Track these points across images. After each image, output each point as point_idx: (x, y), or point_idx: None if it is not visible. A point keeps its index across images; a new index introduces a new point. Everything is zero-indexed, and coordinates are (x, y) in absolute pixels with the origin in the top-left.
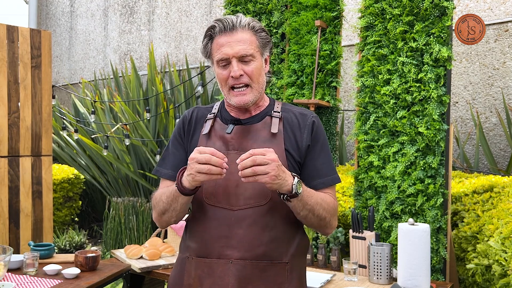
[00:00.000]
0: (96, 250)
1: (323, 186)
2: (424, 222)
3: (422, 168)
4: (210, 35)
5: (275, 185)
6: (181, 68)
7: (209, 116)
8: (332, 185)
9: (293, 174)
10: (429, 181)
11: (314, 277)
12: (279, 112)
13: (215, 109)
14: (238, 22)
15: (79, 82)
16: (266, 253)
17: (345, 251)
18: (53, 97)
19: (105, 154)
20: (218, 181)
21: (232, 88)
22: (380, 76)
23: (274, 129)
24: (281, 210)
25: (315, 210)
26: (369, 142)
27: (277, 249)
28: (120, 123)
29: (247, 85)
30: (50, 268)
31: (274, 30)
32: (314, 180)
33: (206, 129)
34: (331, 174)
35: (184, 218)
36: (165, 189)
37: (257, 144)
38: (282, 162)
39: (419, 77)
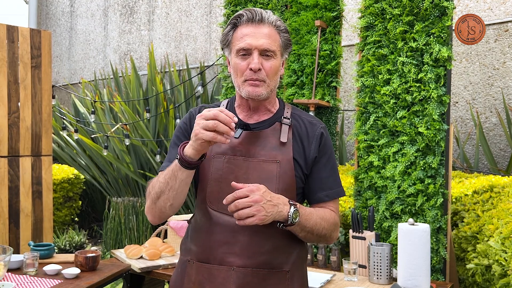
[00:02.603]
0: (96, 250)
1: (328, 199)
2: (424, 222)
3: (422, 168)
4: (235, 23)
5: (267, 221)
6: (181, 68)
7: None
8: (336, 198)
9: (291, 202)
10: (429, 181)
11: (314, 277)
12: (288, 119)
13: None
14: (267, 17)
15: (79, 82)
16: (267, 261)
17: (345, 251)
18: (53, 97)
19: (105, 154)
20: (223, 187)
21: (247, 80)
22: (380, 76)
23: (284, 138)
24: None
25: (314, 231)
26: (369, 142)
27: (278, 257)
28: (120, 123)
29: (261, 81)
30: (50, 268)
31: None
32: (319, 192)
33: None
34: (336, 187)
35: (185, 219)
36: (164, 171)
37: (266, 151)
38: (289, 171)
39: (419, 77)
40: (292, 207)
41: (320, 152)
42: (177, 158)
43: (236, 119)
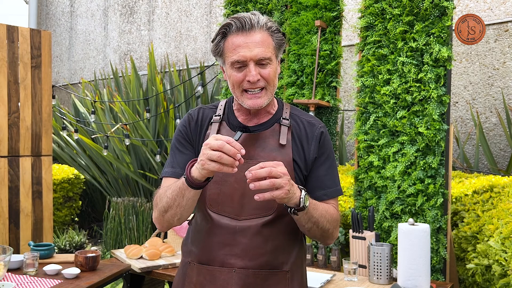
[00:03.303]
0: (96, 250)
1: (326, 197)
2: (424, 222)
3: (422, 168)
4: (224, 32)
5: (286, 199)
6: (181, 68)
7: (215, 118)
8: (335, 197)
9: (300, 187)
10: (429, 181)
11: (314, 277)
12: (288, 120)
13: (220, 110)
14: (256, 21)
15: (79, 82)
16: (268, 262)
17: (345, 251)
18: (53, 97)
19: (105, 154)
20: (222, 189)
21: (246, 90)
22: (380, 76)
23: (283, 140)
24: (283, 220)
25: (319, 223)
26: (369, 142)
27: (279, 258)
28: (120, 123)
29: (261, 88)
30: (50, 268)
31: None
32: (317, 191)
33: (212, 133)
34: (334, 186)
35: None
36: (171, 185)
37: (265, 153)
38: (289, 173)
39: (419, 77)
40: (303, 191)
41: (319, 151)
42: (184, 178)
43: (243, 152)
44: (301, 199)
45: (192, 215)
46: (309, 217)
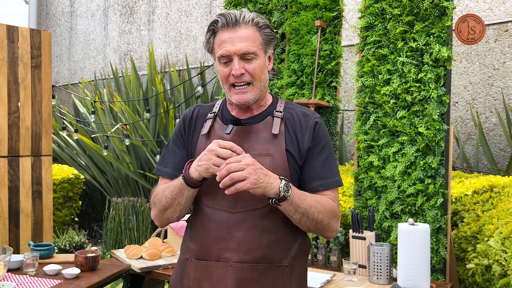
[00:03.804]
0: (96, 250)
1: (322, 188)
2: (424, 222)
3: (422, 168)
4: (213, 29)
5: (258, 189)
6: (181, 68)
7: (209, 115)
8: (332, 187)
9: (281, 177)
10: (429, 181)
11: (314, 277)
12: (281, 112)
13: (216, 108)
14: (241, 17)
15: (79, 82)
16: (265, 256)
17: (345, 251)
18: (53, 97)
19: (105, 154)
20: (217, 183)
21: (233, 85)
22: (380, 76)
23: (275, 130)
24: (281, 213)
25: (309, 213)
26: (369, 142)
27: (277, 252)
28: (120, 123)
29: (248, 83)
30: (50, 268)
31: (274, 30)
32: (313, 181)
33: (205, 129)
34: (331, 177)
35: (185, 219)
36: (168, 184)
37: (258, 145)
38: (282, 164)
39: (419, 77)
40: (283, 180)
41: (314, 141)
42: (183, 178)
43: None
44: (280, 189)
45: (189, 215)
46: (295, 207)
